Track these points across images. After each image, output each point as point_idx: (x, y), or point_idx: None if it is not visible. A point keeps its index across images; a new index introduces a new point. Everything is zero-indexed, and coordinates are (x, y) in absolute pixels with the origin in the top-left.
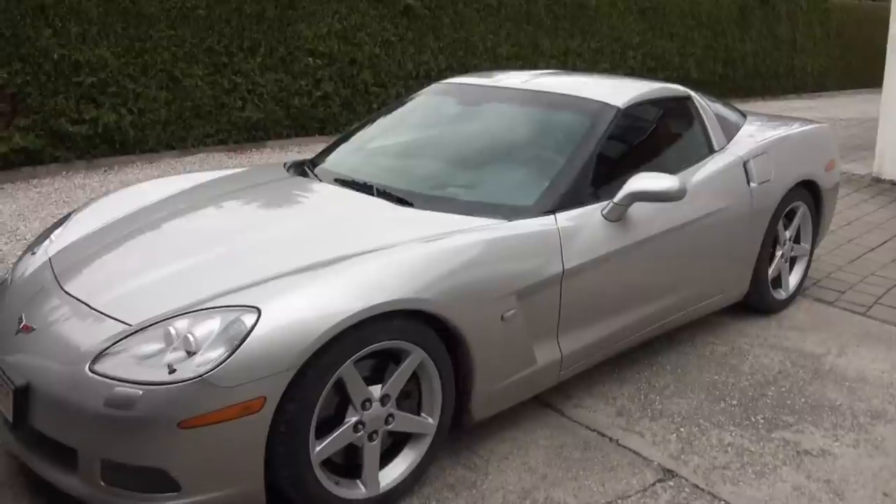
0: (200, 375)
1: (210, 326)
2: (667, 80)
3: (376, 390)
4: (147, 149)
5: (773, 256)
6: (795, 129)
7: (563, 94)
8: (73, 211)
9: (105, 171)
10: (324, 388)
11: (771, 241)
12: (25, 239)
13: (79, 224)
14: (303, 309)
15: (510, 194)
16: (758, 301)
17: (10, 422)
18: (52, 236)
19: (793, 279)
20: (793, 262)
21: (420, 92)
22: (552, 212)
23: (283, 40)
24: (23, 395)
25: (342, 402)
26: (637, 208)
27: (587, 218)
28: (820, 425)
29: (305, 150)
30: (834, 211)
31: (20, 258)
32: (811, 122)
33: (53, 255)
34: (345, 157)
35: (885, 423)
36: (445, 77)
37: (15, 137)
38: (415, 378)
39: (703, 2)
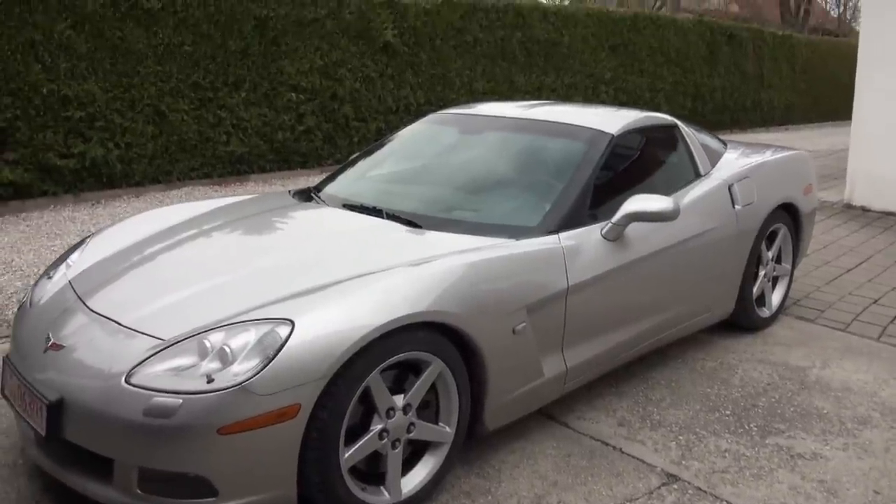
0: (239, 384)
1: (245, 338)
2: None
3: (399, 399)
4: (134, 182)
5: (756, 276)
6: (775, 155)
7: (560, 123)
8: (89, 236)
9: (93, 204)
10: (353, 397)
11: (755, 261)
12: (21, 270)
13: (96, 248)
14: (333, 321)
15: (514, 216)
16: (743, 319)
17: (42, 436)
18: (68, 260)
19: (776, 297)
20: (775, 281)
21: (418, 122)
22: (555, 231)
23: (266, 76)
24: (56, 410)
25: (367, 411)
26: (632, 228)
27: (587, 237)
28: (810, 431)
29: (288, 183)
30: (812, 233)
31: (36, 283)
32: (789, 148)
33: (73, 277)
34: (349, 184)
35: (871, 428)
36: (425, 111)
37: (4, 171)
38: (433, 388)
39: (671, 39)
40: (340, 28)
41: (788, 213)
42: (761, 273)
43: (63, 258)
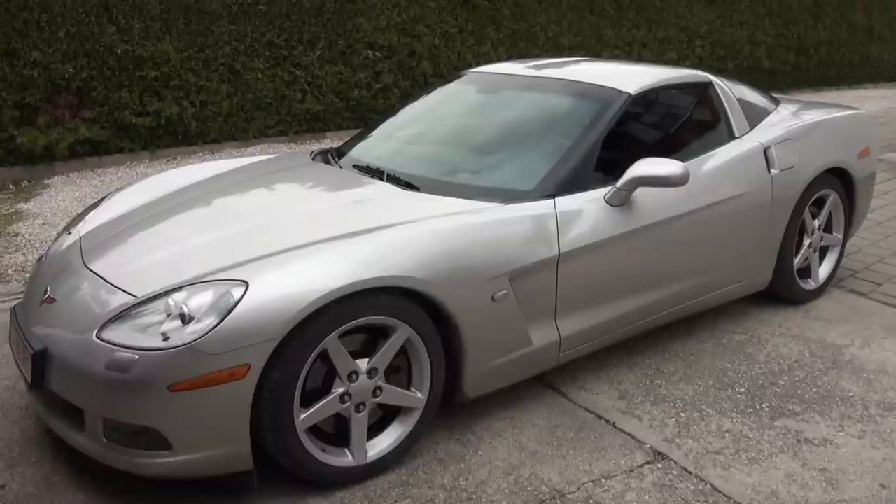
0: (189, 343)
1: (204, 298)
2: (736, 69)
3: (364, 364)
4: (209, 140)
5: (800, 245)
6: (826, 115)
7: (576, 82)
8: (108, 193)
9: (168, 160)
10: (307, 359)
11: (797, 230)
12: None
13: (112, 206)
14: (289, 283)
15: (511, 179)
16: (784, 290)
17: (28, 383)
18: (87, 217)
19: (823, 270)
20: (824, 252)
21: (450, 81)
22: (552, 196)
23: (342, 33)
24: (40, 359)
25: (330, 373)
26: (644, 194)
27: (589, 202)
28: (827, 415)
29: None
30: (870, 200)
31: (58, 236)
32: (847, 108)
33: (84, 234)
34: (367, 146)
35: None
36: None
37: (81, 129)
38: (405, 354)
39: None
40: None
41: (839, 179)
42: (806, 242)
43: (83, 215)
